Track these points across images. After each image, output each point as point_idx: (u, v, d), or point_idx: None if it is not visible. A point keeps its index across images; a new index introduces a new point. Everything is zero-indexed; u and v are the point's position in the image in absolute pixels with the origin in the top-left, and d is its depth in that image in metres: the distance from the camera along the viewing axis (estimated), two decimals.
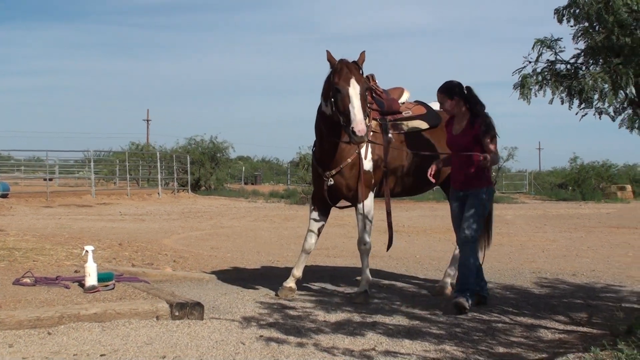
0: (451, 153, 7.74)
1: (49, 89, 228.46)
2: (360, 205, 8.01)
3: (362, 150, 7.94)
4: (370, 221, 8.10)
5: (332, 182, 8.01)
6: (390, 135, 8.03)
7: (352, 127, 7.14)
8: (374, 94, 8.12)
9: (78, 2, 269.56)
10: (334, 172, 7.97)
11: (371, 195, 8.10)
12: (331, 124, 7.75)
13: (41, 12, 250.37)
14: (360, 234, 8.08)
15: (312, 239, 8.29)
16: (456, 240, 7.96)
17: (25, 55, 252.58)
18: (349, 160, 7.94)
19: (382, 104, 8.20)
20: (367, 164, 8.00)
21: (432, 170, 7.67)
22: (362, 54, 7.76)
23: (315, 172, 8.30)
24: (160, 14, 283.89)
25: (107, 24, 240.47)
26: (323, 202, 8.23)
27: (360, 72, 7.63)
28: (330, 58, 7.59)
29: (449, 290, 8.39)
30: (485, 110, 7.58)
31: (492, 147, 7.42)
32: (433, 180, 7.90)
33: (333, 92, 7.46)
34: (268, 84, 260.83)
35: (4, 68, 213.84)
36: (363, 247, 8.05)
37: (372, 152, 8.05)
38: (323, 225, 8.43)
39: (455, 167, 7.72)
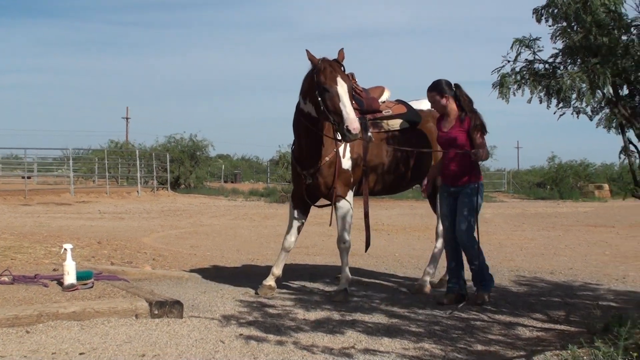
0: (442, 150, 7.87)
1: (26, 86, 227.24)
2: (339, 204, 8.02)
3: (341, 149, 7.95)
4: (350, 220, 8.11)
5: (310, 181, 8.01)
6: (370, 134, 8.02)
7: (347, 126, 7.14)
8: (353, 93, 8.11)
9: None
10: (312, 170, 7.97)
11: (350, 193, 8.11)
12: (310, 121, 7.75)
13: (18, 9, 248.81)
14: (340, 232, 8.08)
15: (291, 237, 8.30)
16: (443, 234, 8.05)
17: (2, 52, 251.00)
18: (327, 158, 7.94)
19: (361, 103, 8.19)
20: (346, 163, 8.00)
21: (425, 186, 7.84)
22: (341, 51, 7.76)
23: (295, 170, 8.30)
24: (140, 11, 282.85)
25: (85, 22, 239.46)
26: (302, 200, 8.23)
27: (343, 69, 7.65)
28: (311, 57, 7.58)
29: (427, 288, 8.41)
30: (474, 107, 7.67)
31: (481, 141, 7.56)
32: (425, 195, 8.04)
33: (320, 92, 7.44)
34: (248, 83, 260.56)
35: None
36: (342, 246, 8.06)
37: (352, 151, 8.05)
38: (303, 224, 8.43)
39: (446, 163, 7.79)
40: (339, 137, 7.53)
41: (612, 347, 4.87)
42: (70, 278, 7.45)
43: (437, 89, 7.74)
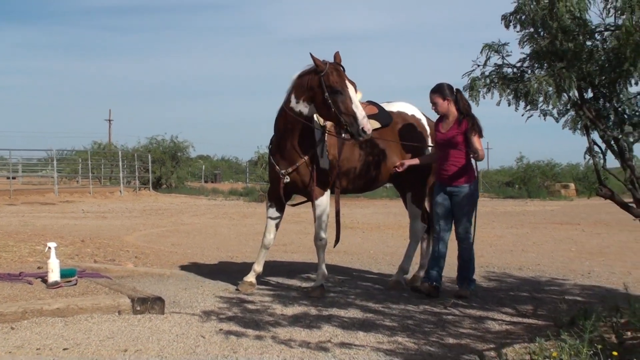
0: (438, 149, 8.10)
1: (10, 88, 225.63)
2: (317, 202, 8.02)
3: (319, 149, 7.96)
4: (326, 218, 8.11)
5: (288, 180, 8.01)
6: (344, 135, 8.02)
7: (362, 127, 7.27)
8: None
9: (39, 3, 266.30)
10: (290, 170, 7.97)
11: (327, 192, 8.12)
12: (301, 120, 7.78)
13: (4, 13, 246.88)
14: (317, 230, 8.08)
15: (270, 235, 8.29)
16: (435, 232, 8.09)
17: None
18: (306, 158, 7.94)
19: None
20: (324, 162, 8.01)
21: (400, 165, 7.94)
22: (337, 54, 7.78)
23: (272, 169, 8.29)
24: (120, 16, 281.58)
25: (68, 26, 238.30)
26: (279, 199, 8.23)
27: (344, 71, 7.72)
28: (316, 60, 7.53)
29: (402, 284, 8.42)
30: (472, 111, 7.79)
31: (477, 143, 7.71)
32: (399, 170, 8.09)
33: (331, 94, 7.48)
34: (227, 85, 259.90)
35: None
36: (319, 243, 8.06)
37: (328, 151, 8.06)
38: (280, 221, 8.43)
39: (443, 163, 7.90)
40: (345, 136, 7.77)
41: (577, 340, 4.90)
42: (54, 276, 7.41)
43: (439, 92, 7.90)
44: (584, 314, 5.93)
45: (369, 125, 7.35)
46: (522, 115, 5.51)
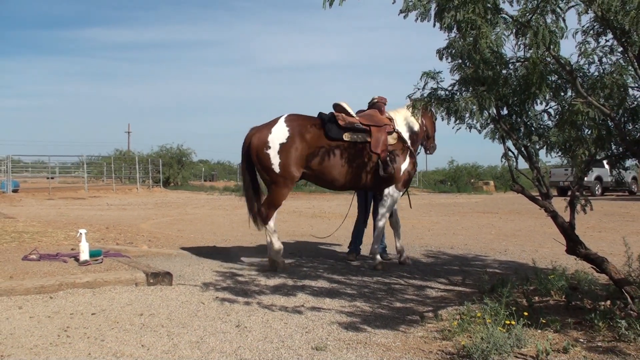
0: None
1: (48, 107, 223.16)
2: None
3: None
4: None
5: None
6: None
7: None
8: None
9: (68, 39, 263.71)
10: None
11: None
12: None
13: (43, 48, 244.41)
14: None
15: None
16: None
17: (33, 81, 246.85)
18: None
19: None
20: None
21: None
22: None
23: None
24: (136, 50, 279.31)
25: (93, 57, 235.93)
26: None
27: None
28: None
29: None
30: None
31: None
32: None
33: (428, 134, 8.89)
34: (221, 104, 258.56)
35: (16, 91, 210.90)
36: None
37: None
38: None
39: None
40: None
41: (497, 303, 4.94)
42: (84, 255, 7.39)
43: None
44: (502, 283, 5.97)
45: None
46: (453, 128, 5.53)
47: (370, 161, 7.95)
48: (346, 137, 7.83)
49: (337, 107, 8.12)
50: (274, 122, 7.97)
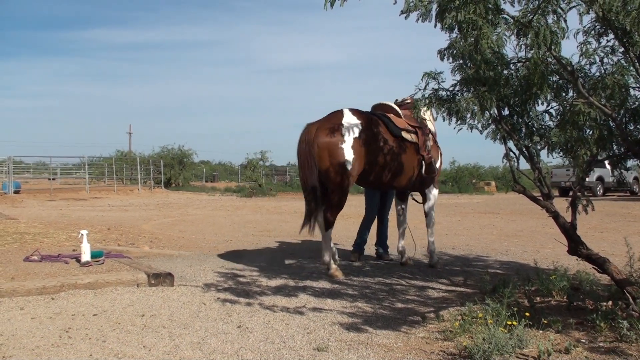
0: None
1: (52, 108, 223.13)
2: None
3: None
4: None
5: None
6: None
7: None
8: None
9: (69, 40, 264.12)
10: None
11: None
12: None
13: (45, 49, 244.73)
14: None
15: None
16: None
17: (34, 82, 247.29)
18: None
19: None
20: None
21: None
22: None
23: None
24: (136, 51, 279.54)
25: (94, 58, 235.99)
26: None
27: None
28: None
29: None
30: None
31: None
32: None
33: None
34: (222, 104, 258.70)
35: (17, 92, 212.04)
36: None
37: None
38: None
39: None
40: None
41: (498, 304, 4.94)
42: (86, 256, 7.39)
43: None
44: (503, 284, 5.97)
45: None
46: (454, 128, 5.53)
47: (417, 161, 7.99)
48: (405, 135, 7.77)
49: (386, 107, 8.14)
50: (340, 115, 7.43)
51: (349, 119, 7.33)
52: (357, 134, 7.25)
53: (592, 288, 5.93)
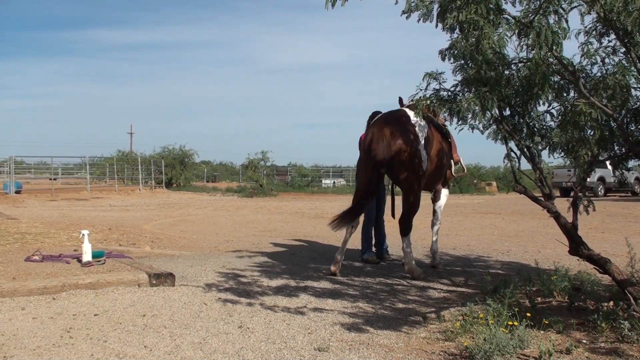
0: None
1: (53, 108, 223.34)
2: None
3: None
4: None
5: None
6: None
7: None
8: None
9: (70, 40, 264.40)
10: None
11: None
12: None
13: (46, 49, 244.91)
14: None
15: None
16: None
17: (35, 82, 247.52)
18: None
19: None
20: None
21: None
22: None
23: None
24: (137, 51, 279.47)
25: (95, 59, 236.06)
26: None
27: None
28: None
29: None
30: None
31: None
32: None
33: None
34: (223, 105, 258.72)
35: (18, 92, 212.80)
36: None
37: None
38: None
39: None
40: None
41: (499, 304, 4.93)
42: (87, 256, 7.39)
43: None
44: (504, 284, 5.96)
45: None
46: (455, 129, 5.53)
47: (448, 161, 8.11)
48: (449, 135, 7.93)
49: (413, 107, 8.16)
50: (405, 114, 7.38)
51: (416, 119, 7.24)
52: (426, 134, 7.35)
53: (594, 288, 5.93)
